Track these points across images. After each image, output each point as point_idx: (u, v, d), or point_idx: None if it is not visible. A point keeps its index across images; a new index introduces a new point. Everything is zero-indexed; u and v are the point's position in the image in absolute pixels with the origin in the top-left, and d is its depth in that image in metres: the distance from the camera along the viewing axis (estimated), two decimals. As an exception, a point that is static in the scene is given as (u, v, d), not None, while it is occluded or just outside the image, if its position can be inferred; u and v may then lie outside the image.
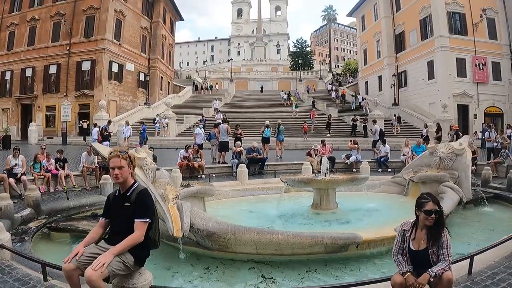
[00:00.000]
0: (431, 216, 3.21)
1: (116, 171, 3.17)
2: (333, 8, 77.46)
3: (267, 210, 8.46)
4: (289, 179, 8.58)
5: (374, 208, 8.72)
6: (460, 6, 32.32)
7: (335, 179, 8.56)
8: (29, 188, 8.02)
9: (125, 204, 3.20)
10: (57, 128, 32.65)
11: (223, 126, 16.29)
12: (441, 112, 29.52)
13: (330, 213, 8.15)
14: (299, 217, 8.06)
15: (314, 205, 8.51)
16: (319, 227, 7.17)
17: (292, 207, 8.69)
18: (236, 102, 41.75)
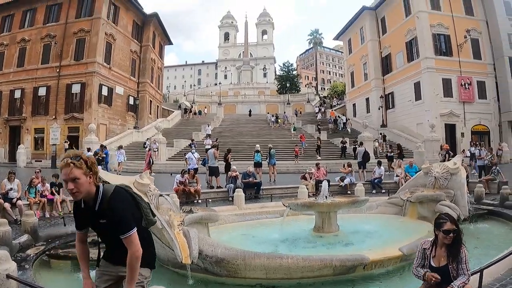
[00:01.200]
0: (449, 236, 3.45)
1: (70, 185, 2.50)
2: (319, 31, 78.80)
3: (269, 235, 8.45)
4: (292, 203, 8.64)
5: (374, 229, 8.79)
6: (445, 28, 33.27)
7: (337, 202, 8.66)
8: (25, 213, 7.87)
9: (100, 221, 2.61)
10: (45, 151, 32.16)
11: (210, 151, 16.43)
12: (429, 132, 29.93)
13: (333, 236, 8.21)
14: (302, 240, 8.07)
15: (316, 228, 8.54)
16: (324, 250, 7.20)
17: (293, 230, 8.66)
18: (225, 126, 41.81)
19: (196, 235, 5.54)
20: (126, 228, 2.56)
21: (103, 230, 2.68)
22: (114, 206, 2.56)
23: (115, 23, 35.16)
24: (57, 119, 32.31)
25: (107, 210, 2.55)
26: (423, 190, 10.47)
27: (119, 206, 2.58)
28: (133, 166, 25.87)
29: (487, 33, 34.32)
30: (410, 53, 34.92)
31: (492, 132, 33.36)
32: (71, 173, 2.48)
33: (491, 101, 33.61)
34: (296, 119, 44.95)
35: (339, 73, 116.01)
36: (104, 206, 2.57)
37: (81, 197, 2.58)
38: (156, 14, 41.77)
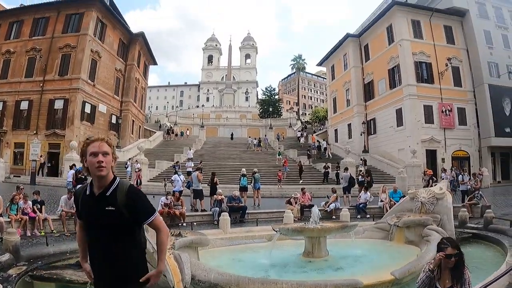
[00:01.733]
0: (451, 260, 3.69)
1: (100, 157, 2.51)
2: (302, 57, 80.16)
3: (258, 259, 8.42)
4: (282, 228, 8.68)
5: (362, 254, 8.86)
6: (427, 56, 34.19)
7: (327, 228, 8.75)
8: (8, 231, 7.50)
9: (106, 209, 2.51)
10: (25, 167, 31.26)
11: (194, 174, 16.32)
12: (410, 157, 30.30)
13: (322, 261, 8.23)
14: (292, 265, 8.08)
15: (305, 253, 8.55)
16: (314, 275, 7.23)
17: (282, 255, 8.65)
18: (207, 149, 41.58)
19: (188, 259, 5.44)
20: (152, 211, 2.66)
21: (105, 218, 2.52)
22: (136, 194, 2.62)
23: (101, 40, 35.06)
24: (38, 134, 31.67)
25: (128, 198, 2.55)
26: (409, 215, 10.66)
27: (141, 194, 2.67)
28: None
29: (467, 61, 35.35)
30: (392, 80, 35.65)
31: (472, 157, 34.01)
32: (103, 146, 2.56)
33: (471, 127, 34.40)
34: (278, 144, 45.12)
35: (320, 99, 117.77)
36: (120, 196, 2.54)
37: (104, 174, 2.54)
38: (143, 33, 41.94)
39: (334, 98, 46.71)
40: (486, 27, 35.88)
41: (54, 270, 6.59)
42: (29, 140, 31.67)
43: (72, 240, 9.56)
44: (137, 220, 2.61)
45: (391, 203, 16.09)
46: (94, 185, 2.60)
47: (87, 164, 2.56)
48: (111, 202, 2.51)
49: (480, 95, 34.55)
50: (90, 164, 2.52)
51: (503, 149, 34.61)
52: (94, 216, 2.56)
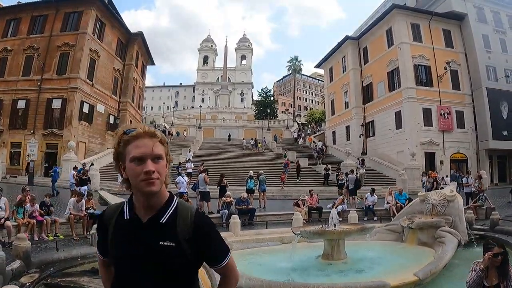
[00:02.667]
0: (498, 258, 3.96)
1: (149, 164, 1.57)
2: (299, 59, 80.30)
3: (277, 263, 8.38)
4: (304, 231, 8.62)
5: (378, 256, 8.91)
6: (426, 59, 34.45)
7: (347, 230, 8.81)
8: (18, 237, 7.19)
9: (160, 243, 1.59)
10: (21, 167, 30.82)
11: (201, 176, 15.97)
12: (409, 160, 30.50)
13: (342, 263, 8.30)
14: (312, 268, 8.11)
15: (325, 256, 8.59)
16: (337, 278, 7.26)
17: (299, 258, 8.60)
18: (205, 150, 41.19)
19: None
20: (227, 248, 1.78)
21: (159, 257, 1.59)
22: (208, 225, 1.71)
23: (100, 39, 34.72)
24: (35, 134, 31.24)
25: (196, 228, 1.64)
26: (420, 217, 10.77)
27: (212, 224, 1.75)
28: (113, 187, 24.93)
29: (465, 65, 35.67)
30: (391, 83, 35.80)
31: (470, 160, 34.27)
32: (157, 146, 1.61)
33: (469, 130, 34.73)
34: (276, 145, 45.05)
35: (315, 100, 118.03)
36: (180, 224, 1.64)
37: (157, 189, 1.59)
38: (141, 33, 41.69)
39: (332, 100, 46.71)
40: (484, 31, 36.22)
41: (69, 277, 6.46)
42: (26, 140, 31.29)
43: (81, 244, 9.43)
44: (204, 262, 1.77)
45: (397, 205, 16.22)
46: (137, 205, 1.67)
47: (126, 173, 1.63)
48: (169, 234, 1.61)
49: (478, 98, 34.83)
50: (132, 175, 1.59)
51: (500, 152, 34.90)
52: (137, 254, 1.60)
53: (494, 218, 11.72)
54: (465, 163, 34.13)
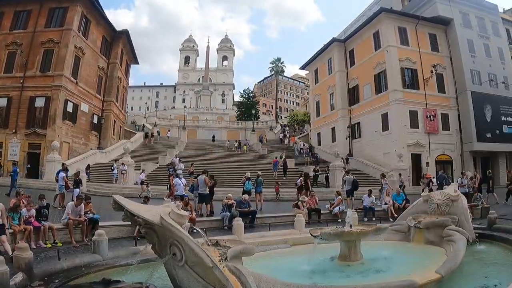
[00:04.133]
0: None
1: None
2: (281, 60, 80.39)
3: (294, 266, 8.21)
4: (324, 233, 8.48)
5: (391, 255, 8.91)
6: (412, 62, 34.91)
7: (365, 231, 8.74)
8: (19, 246, 6.50)
9: None
10: (2, 168, 29.46)
11: (201, 177, 15.53)
12: (396, 161, 30.80)
13: (359, 264, 8.24)
14: (331, 270, 8.00)
15: (342, 257, 8.51)
16: (360, 279, 7.22)
17: (314, 261, 8.41)
18: (191, 151, 40.57)
19: (249, 272, 5.11)
20: None
21: None
22: None
23: (85, 36, 33.85)
24: (17, 133, 30.10)
25: None
26: (425, 217, 10.89)
27: None
28: (101, 189, 24.24)
29: (451, 69, 36.38)
30: (378, 85, 36.12)
31: (455, 161, 34.98)
32: None
33: (453, 133, 35.45)
34: (261, 146, 44.87)
35: (296, 102, 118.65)
36: None
37: None
38: (127, 31, 40.88)
39: (317, 102, 46.74)
40: (469, 36, 37.00)
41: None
42: (7, 140, 30.10)
43: (83, 251, 8.82)
44: None
45: (394, 206, 16.33)
46: None
47: None
48: None
49: (463, 101, 35.54)
50: None
51: (484, 153, 35.64)
52: None
53: (492, 217, 11.90)
54: (450, 164, 34.82)
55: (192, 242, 4.72)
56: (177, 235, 4.79)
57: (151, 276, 5.83)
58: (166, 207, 5.30)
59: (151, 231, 5.10)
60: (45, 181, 26.35)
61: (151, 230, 5.10)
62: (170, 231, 4.83)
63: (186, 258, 4.81)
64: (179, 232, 4.77)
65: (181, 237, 4.75)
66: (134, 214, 5.05)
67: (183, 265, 4.88)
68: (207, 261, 4.56)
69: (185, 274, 4.93)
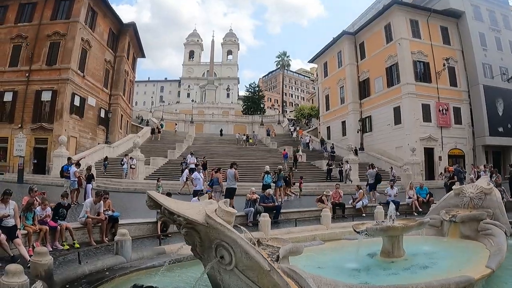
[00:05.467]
0: None
1: None
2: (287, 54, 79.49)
3: (336, 264, 7.88)
4: (369, 228, 8.12)
5: (430, 251, 8.72)
6: (424, 55, 34.46)
7: (409, 225, 8.44)
8: (37, 251, 5.73)
9: None
10: (8, 163, 29.03)
11: (230, 171, 14.81)
12: (409, 155, 30.30)
13: (403, 260, 7.92)
14: (376, 267, 7.64)
15: (385, 253, 8.17)
16: (407, 275, 6.99)
17: (352, 257, 8.06)
18: (199, 145, 39.98)
19: (308, 274, 4.57)
20: None
21: None
22: None
23: (92, 29, 33.15)
24: (23, 128, 29.38)
25: None
26: (457, 211, 10.72)
27: None
28: (111, 184, 23.75)
29: (462, 62, 35.92)
30: (390, 78, 35.60)
31: (467, 155, 34.66)
32: None
33: (465, 126, 35.10)
34: (270, 140, 44.35)
35: (301, 96, 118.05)
36: None
37: None
38: (134, 24, 40.26)
39: (327, 95, 46.19)
40: (480, 29, 36.49)
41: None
42: (13, 135, 29.25)
43: (104, 253, 8.09)
44: None
45: (418, 199, 16.14)
46: None
47: None
48: None
49: (475, 95, 35.13)
50: None
51: (495, 147, 35.22)
52: None
53: (519, 210, 11.61)
54: (462, 158, 34.40)
55: (246, 244, 4.18)
56: (226, 236, 4.25)
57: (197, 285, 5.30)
58: (210, 204, 4.76)
59: (192, 231, 4.55)
60: (52, 176, 25.90)
61: (192, 230, 4.55)
62: (218, 231, 4.29)
63: (236, 261, 4.28)
64: (229, 232, 4.23)
65: (232, 237, 4.21)
66: (174, 212, 4.50)
67: (232, 269, 4.34)
68: (264, 264, 4.02)
69: (233, 279, 4.40)
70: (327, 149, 36.96)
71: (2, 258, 6.73)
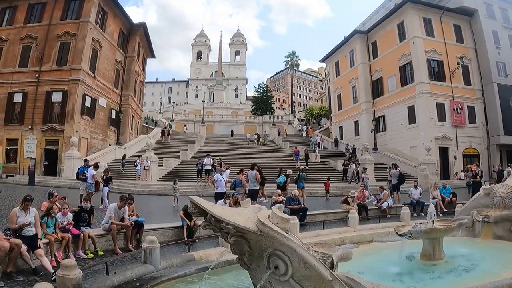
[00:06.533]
0: None
1: None
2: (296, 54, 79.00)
3: (375, 267, 7.28)
4: (414, 231, 7.60)
5: (467, 252, 8.25)
6: (438, 54, 33.99)
7: (451, 227, 8.01)
8: (64, 264, 5.11)
9: None
10: (18, 165, 28.85)
11: (251, 172, 14.45)
12: (425, 155, 29.84)
13: (444, 263, 7.47)
14: (419, 271, 7.09)
15: (425, 256, 7.66)
16: (452, 278, 6.58)
17: (392, 261, 7.61)
18: (211, 146, 39.47)
19: (368, 282, 4.21)
20: None
21: None
22: None
23: (102, 29, 33.00)
24: (33, 129, 29.30)
25: None
26: (488, 211, 10.24)
27: None
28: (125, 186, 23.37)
29: (476, 60, 35.44)
30: (404, 77, 35.13)
31: (482, 155, 34.21)
32: None
33: (480, 126, 34.63)
34: (282, 140, 43.95)
35: (309, 96, 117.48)
36: None
37: None
38: (144, 24, 40.09)
39: (339, 95, 45.73)
40: (493, 27, 36.06)
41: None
42: (23, 136, 29.24)
43: (130, 261, 7.54)
44: None
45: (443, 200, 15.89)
46: None
47: None
48: None
49: (489, 94, 34.67)
50: None
51: (510, 146, 34.63)
52: None
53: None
54: (477, 158, 34.01)
55: (306, 252, 3.79)
56: (283, 244, 3.85)
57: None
58: (259, 210, 4.37)
59: (242, 240, 4.15)
60: (64, 178, 25.67)
61: (242, 239, 4.14)
62: (274, 239, 3.88)
63: (293, 272, 3.88)
64: (287, 240, 3.83)
65: (290, 246, 3.81)
66: (223, 220, 4.08)
67: (288, 280, 3.95)
68: (326, 274, 3.65)
69: (288, 290, 4.01)
70: (348, 149, 36.29)
71: (23, 270, 6.24)
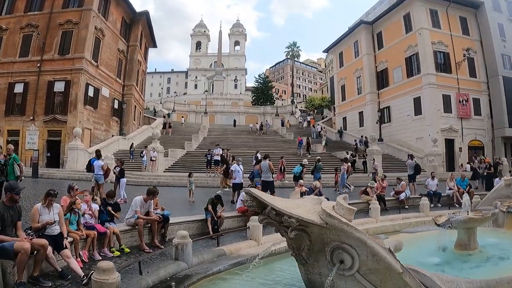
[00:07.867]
0: None
1: None
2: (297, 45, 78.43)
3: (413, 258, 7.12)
4: (454, 221, 7.80)
5: (496, 242, 8.66)
6: (445, 45, 33.82)
7: (486, 217, 8.19)
8: (101, 267, 4.54)
9: None
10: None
11: (265, 163, 13.94)
12: (431, 146, 29.72)
13: (478, 252, 7.87)
14: (456, 261, 7.46)
15: (461, 246, 7.98)
16: (491, 267, 6.81)
17: (424, 251, 7.93)
18: (215, 136, 39.02)
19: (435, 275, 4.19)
20: None
21: None
22: None
23: (105, 17, 32.30)
24: (35, 120, 28.74)
25: None
26: (510, 201, 10.55)
27: None
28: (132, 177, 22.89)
29: (481, 53, 35.30)
30: (410, 69, 34.94)
31: (486, 147, 34.28)
32: None
33: (485, 118, 34.62)
34: (286, 131, 43.69)
35: (308, 87, 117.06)
36: None
37: None
38: (147, 12, 39.38)
39: (343, 86, 45.48)
40: (499, 20, 35.93)
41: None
42: (25, 128, 28.78)
43: (160, 259, 6.92)
44: None
45: (459, 191, 15.75)
46: None
47: None
48: None
49: (494, 86, 34.60)
50: None
51: (514, 139, 34.64)
52: None
53: None
54: (482, 150, 34.04)
55: (376, 245, 3.54)
56: (353, 237, 3.61)
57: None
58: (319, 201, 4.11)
59: (303, 233, 3.89)
60: (68, 170, 25.25)
61: (303, 232, 3.88)
62: (342, 231, 3.64)
63: (360, 265, 3.65)
64: (358, 232, 3.59)
65: (360, 238, 3.58)
66: (285, 213, 3.82)
67: (353, 274, 3.70)
68: (397, 266, 3.47)
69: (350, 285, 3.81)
70: (361, 140, 35.77)
71: (47, 274, 5.57)
